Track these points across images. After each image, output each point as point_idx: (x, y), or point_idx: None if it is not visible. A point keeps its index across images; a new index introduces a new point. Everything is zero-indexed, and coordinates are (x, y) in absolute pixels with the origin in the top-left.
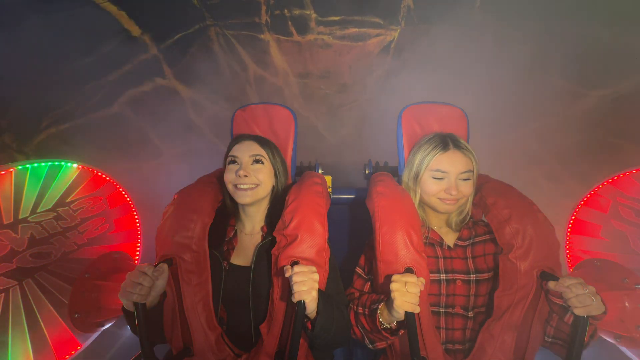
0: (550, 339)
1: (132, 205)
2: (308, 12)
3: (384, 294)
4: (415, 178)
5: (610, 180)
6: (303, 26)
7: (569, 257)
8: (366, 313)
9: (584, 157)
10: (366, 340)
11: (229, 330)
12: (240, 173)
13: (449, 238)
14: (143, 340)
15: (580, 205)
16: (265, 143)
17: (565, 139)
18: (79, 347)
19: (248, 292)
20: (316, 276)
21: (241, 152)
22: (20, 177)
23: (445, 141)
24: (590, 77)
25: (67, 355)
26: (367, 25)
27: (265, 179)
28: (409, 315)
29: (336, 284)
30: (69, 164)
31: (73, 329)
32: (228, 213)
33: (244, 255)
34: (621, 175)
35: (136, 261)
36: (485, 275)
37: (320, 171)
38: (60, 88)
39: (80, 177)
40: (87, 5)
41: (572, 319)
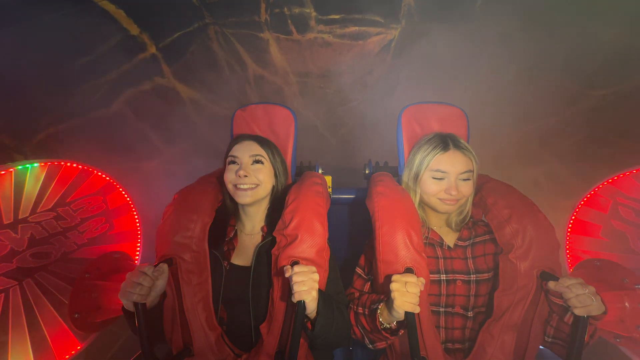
0: (550, 339)
1: (132, 205)
2: (308, 11)
3: (384, 294)
4: (415, 178)
5: (610, 180)
6: (303, 25)
7: (569, 257)
8: (366, 313)
9: (584, 157)
10: (366, 340)
11: (229, 330)
12: (240, 173)
13: (449, 238)
14: (143, 340)
15: (580, 205)
16: (265, 143)
17: (565, 139)
18: (79, 347)
19: (248, 292)
20: (316, 276)
21: (241, 152)
22: (20, 177)
23: (445, 141)
24: (591, 77)
25: (67, 355)
26: (368, 23)
27: (265, 179)
28: (409, 315)
29: (336, 284)
30: (69, 164)
31: (73, 329)
32: (228, 213)
33: (244, 255)
34: (621, 175)
35: (136, 261)
36: (485, 276)
37: (320, 171)
38: (58, 88)
39: (80, 177)
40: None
41: (572, 319)
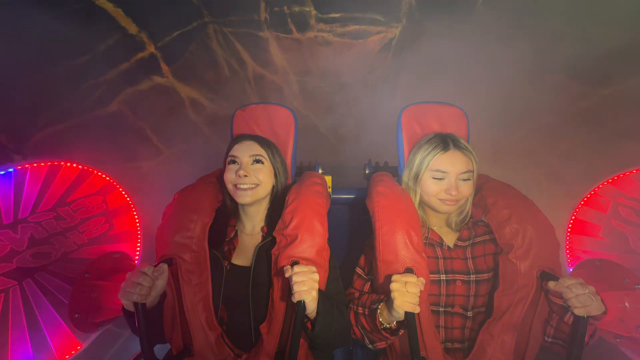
0: (550, 339)
1: (132, 205)
2: (308, 9)
3: (384, 294)
4: (416, 178)
5: (610, 180)
6: (303, 23)
7: (569, 257)
8: (366, 313)
9: (584, 157)
10: (366, 340)
11: (229, 330)
12: (240, 173)
13: (449, 238)
14: (143, 340)
15: (580, 205)
16: (265, 143)
17: (565, 139)
18: (79, 347)
19: (248, 292)
20: (316, 276)
21: (241, 152)
22: (20, 177)
23: (445, 141)
24: (591, 77)
25: (67, 355)
26: (368, 22)
27: (265, 179)
28: (409, 315)
29: (336, 284)
30: (69, 164)
31: (73, 329)
32: (228, 213)
33: (244, 255)
34: (621, 175)
35: (136, 261)
36: (485, 276)
37: (320, 171)
38: (56, 87)
39: (80, 177)
40: (83, 3)
41: (572, 319)
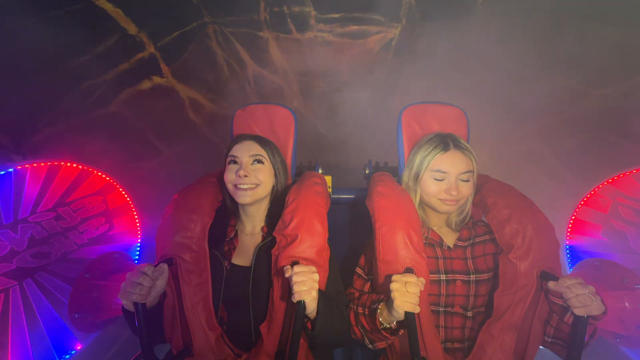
0: (550, 339)
1: (132, 205)
2: (308, 9)
3: (384, 294)
4: (416, 178)
5: (610, 180)
6: (303, 23)
7: (569, 257)
8: (366, 313)
9: (585, 157)
10: (366, 340)
11: (229, 330)
12: (240, 173)
13: (449, 238)
14: (143, 340)
15: (580, 205)
16: (265, 143)
17: (565, 139)
18: (79, 347)
19: (248, 292)
20: (316, 276)
21: (241, 152)
22: (20, 177)
23: (445, 141)
24: (592, 76)
25: (67, 355)
26: (368, 22)
27: (265, 179)
28: (409, 315)
29: (336, 284)
30: (69, 164)
31: (73, 329)
32: (228, 213)
33: (244, 255)
34: (621, 175)
35: (136, 261)
36: (485, 276)
37: (320, 171)
38: (56, 87)
39: (80, 177)
40: (83, 3)
41: (572, 319)
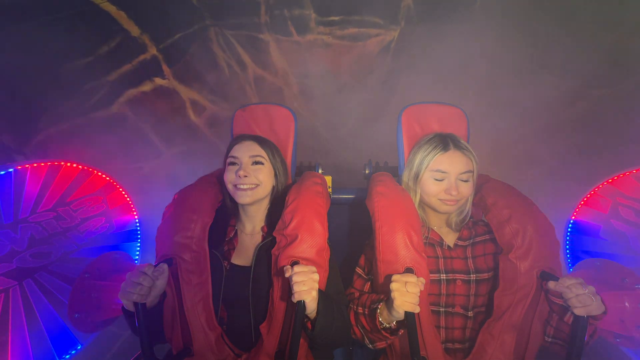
0: (550, 339)
1: (132, 205)
2: (308, 12)
3: (384, 293)
4: (416, 178)
5: (610, 180)
6: (303, 26)
7: (569, 257)
8: (366, 313)
9: (584, 157)
10: (366, 340)
11: (229, 330)
12: (240, 173)
13: (449, 238)
14: (143, 340)
15: (580, 205)
16: (265, 143)
17: (565, 139)
18: (79, 347)
19: (248, 292)
20: (316, 276)
21: (241, 153)
22: (20, 177)
23: (445, 141)
24: (591, 77)
25: (67, 355)
26: (367, 25)
27: (265, 179)
28: (409, 315)
29: (336, 284)
30: (69, 164)
31: (73, 329)
32: (228, 213)
33: (244, 255)
34: (621, 175)
35: (136, 261)
36: (485, 275)
37: (320, 171)
38: (59, 88)
39: (80, 177)
40: (86, 5)
41: (572, 319)
